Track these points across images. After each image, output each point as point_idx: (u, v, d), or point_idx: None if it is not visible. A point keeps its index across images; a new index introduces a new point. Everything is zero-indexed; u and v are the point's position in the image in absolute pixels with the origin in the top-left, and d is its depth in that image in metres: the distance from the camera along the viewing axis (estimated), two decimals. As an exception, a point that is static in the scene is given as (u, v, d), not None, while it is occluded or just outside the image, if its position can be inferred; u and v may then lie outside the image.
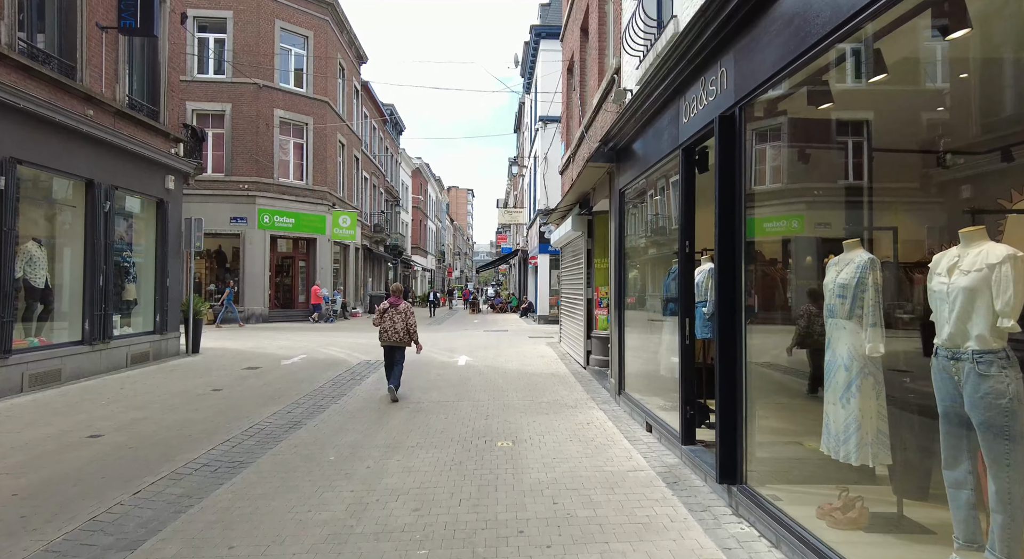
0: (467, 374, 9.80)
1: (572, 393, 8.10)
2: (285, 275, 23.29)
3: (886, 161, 3.55)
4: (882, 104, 3.46)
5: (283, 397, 7.91)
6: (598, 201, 9.04)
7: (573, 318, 11.48)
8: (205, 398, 7.70)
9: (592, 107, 9.26)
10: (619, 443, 5.54)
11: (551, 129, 21.77)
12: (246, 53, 20.86)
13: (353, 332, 18.17)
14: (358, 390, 8.39)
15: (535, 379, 9.26)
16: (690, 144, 4.81)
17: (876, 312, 2.96)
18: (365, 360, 11.48)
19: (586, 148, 9.95)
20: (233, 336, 16.13)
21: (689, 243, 4.90)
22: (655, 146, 5.67)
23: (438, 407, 7.23)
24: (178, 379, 9.09)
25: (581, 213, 9.99)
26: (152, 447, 5.40)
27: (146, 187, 10.47)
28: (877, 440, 2.96)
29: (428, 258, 55.27)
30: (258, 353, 12.48)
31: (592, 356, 9.97)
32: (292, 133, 22.29)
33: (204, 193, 20.55)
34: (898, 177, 3.55)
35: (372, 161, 32.58)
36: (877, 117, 3.55)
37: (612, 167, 7.60)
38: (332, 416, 6.82)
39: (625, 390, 7.11)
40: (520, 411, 6.95)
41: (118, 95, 9.52)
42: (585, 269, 10.16)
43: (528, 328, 20.64)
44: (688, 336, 4.88)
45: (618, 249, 7.17)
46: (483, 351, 13.10)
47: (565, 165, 13.38)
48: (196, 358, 11.45)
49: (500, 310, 33.90)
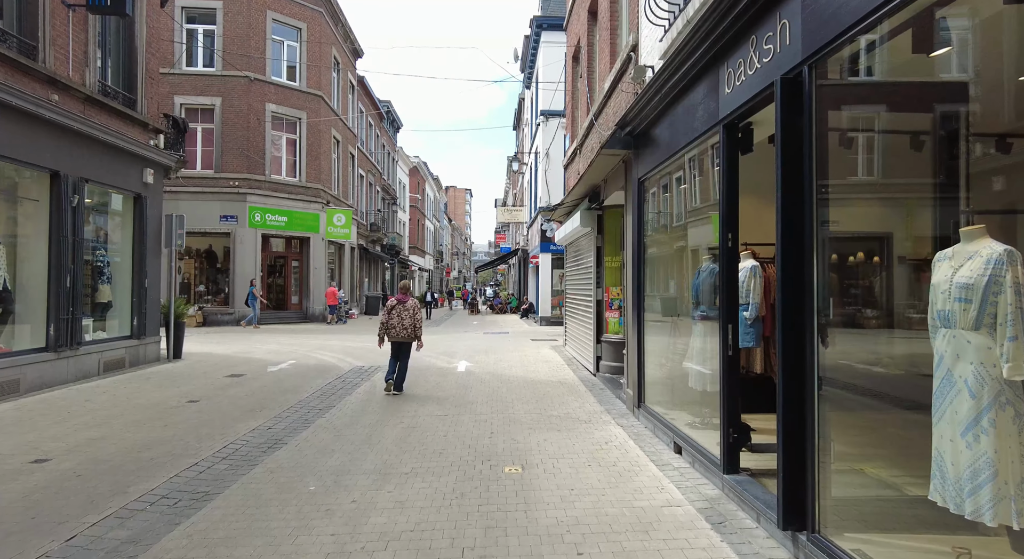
0: (468, 382, 9.06)
1: (584, 405, 7.36)
2: (277, 275, 22.52)
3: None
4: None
5: (266, 409, 7.17)
6: (610, 194, 8.30)
7: (580, 321, 10.74)
8: (178, 411, 6.95)
9: (603, 92, 8.53)
10: (646, 469, 4.80)
11: (553, 124, 21.04)
12: (236, 45, 20.10)
13: (347, 334, 17.42)
14: (348, 401, 7.65)
15: (542, 388, 8.52)
16: (733, 119, 4.07)
17: (1018, 321, 2.23)
18: (358, 366, 10.73)
19: (595, 137, 9.22)
20: (221, 339, 15.36)
21: (732, 236, 4.17)
22: (686, 125, 4.93)
23: (436, 422, 6.49)
24: (152, 389, 8.33)
25: (590, 207, 9.26)
26: (104, 475, 4.65)
27: (121, 181, 9.71)
28: (1023, 492, 2.22)
29: (426, 258, 54.51)
30: (244, 358, 11.72)
31: (602, 362, 9.23)
32: (285, 128, 21.52)
33: (193, 190, 19.81)
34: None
35: (368, 158, 31.82)
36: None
37: (629, 154, 6.87)
38: (317, 433, 6.07)
39: (645, 403, 6.38)
40: (528, 427, 6.21)
41: (88, 80, 8.76)
42: (594, 268, 9.43)
43: (530, 330, 19.90)
44: (731, 345, 4.14)
45: (636, 245, 6.43)
46: (484, 355, 12.36)
47: (570, 158, 12.66)
48: (177, 364, 10.69)
49: (500, 311, 33.16)
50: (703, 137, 4.66)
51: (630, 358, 6.89)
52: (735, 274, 4.22)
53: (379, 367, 10.55)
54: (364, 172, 30.69)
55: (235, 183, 20.19)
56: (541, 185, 21.98)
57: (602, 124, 8.73)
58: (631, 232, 6.72)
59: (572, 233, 10.82)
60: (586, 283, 10.23)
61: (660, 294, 6.32)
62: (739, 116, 4.00)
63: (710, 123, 4.40)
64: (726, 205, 4.18)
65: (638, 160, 6.50)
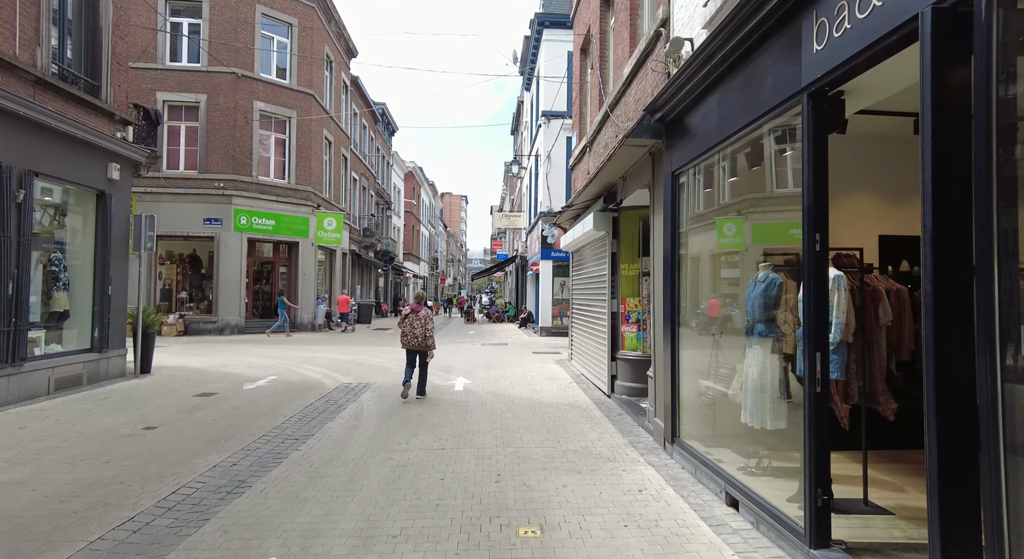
0: (467, 404, 8.04)
1: (603, 435, 6.35)
2: (264, 282, 21.45)
3: None
4: None
5: (234, 439, 6.14)
6: (630, 193, 7.36)
7: (591, 334, 9.76)
8: (129, 442, 5.91)
9: (621, 80, 7.61)
10: (698, 532, 3.81)
11: (555, 125, 20.16)
12: (223, 40, 19.13)
13: (336, 345, 16.36)
14: (330, 428, 6.62)
15: (551, 412, 7.52)
16: (823, 86, 3.13)
17: None
18: (345, 383, 9.69)
19: (612, 130, 8.28)
20: (200, 350, 14.28)
21: (821, 237, 3.21)
22: (747, 100, 3.99)
23: (431, 458, 5.47)
24: (106, 412, 7.28)
25: (605, 209, 8.31)
26: (1, 540, 3.62)
27: (81, 176, 8.69)
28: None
29: (421, 265, 53.46)
30: (220, 373, 10.66)
31: (618, 382, 8.25)
32: (274, 127, 20.52)
33: (175, 191, 18.79)
34: None
35: (362, 161, 30.84)
36: None
37: (658, 145, 5.92)
38: (290, 472, 5.05)
39: (680, 437, 5.39)
40: (542, 467, 5.20)
41: (39, 61, 7.76)
42: (609, 276, 8.46)
43: (530, 341, 18.90)
44: (820, 380, 3.17)
45: (670, 249, 5.47)
46: (483, 371, 11.34)
47: (578, 158, 11.74)
48: (143, 381, 9.62)
49: (497, 319, 32.13)
50: (769, 116, 3.72)
51: (660, 382, 5.90)
52: (824, 286, 3.25)
53: (367, 385, 9.53)
54: (357, 175, 29.70)
55: (220, 184, 19.16)
56: (542, 189, 21.06)
57: (619, 115, 7.80)
58: (661, 235, 5.76)
59: (581, 238, 9.87)
60: (598, 293, 9.26)
61: (699, 307, 5.35)
62: (833, 81, 3.05)
63: (786, 94, 3.45)
64: (812, 198, 3.22)
65: (671, 151, 5.54)
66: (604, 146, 8.84)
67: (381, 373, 10.86)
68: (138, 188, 18.36)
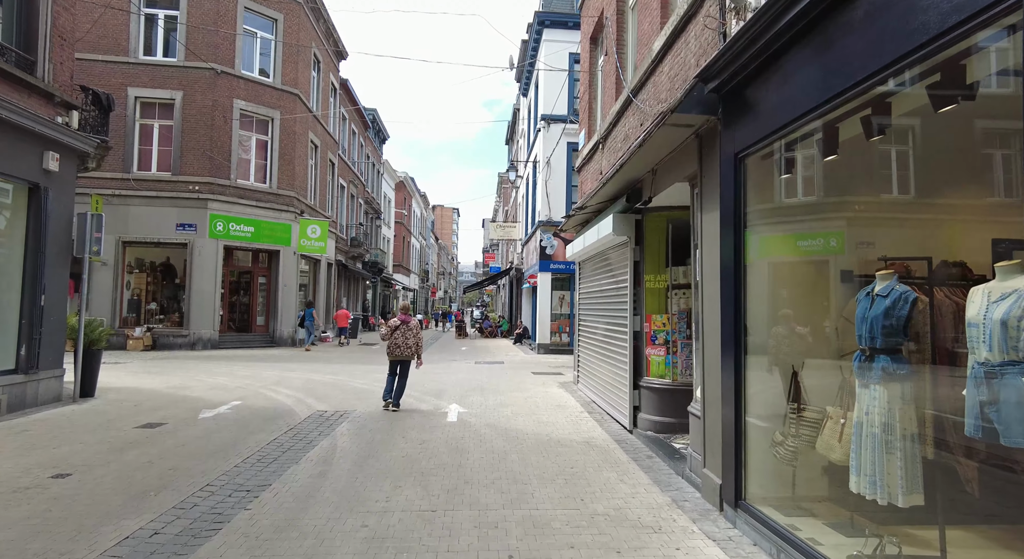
0: (462, 441, 6.71)
1: (637, 489, 5.04)
2: (242, 293, 19.99)
3: None
4: None
5: (167, 490, 4.79)
6: (662, 188, 6.13)
7: (605, 357, 8.48)
8: (23, 500, 4.53)
9: (650, 57, 6.44)
10: None
11: (555, 129, 19.06)
12: (202, 33, 17.90)
13: (315, 363, 14.94)
14: (294, 476, 5.26)
15: (565, 454, 6.20)
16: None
17: None
18: (318, 411, 8.32)
19: (634, 119, 7.10)
20: (164, 368, 12.82)
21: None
22: (883, 33, 2.77)
23: (418, 525, 4.14)
24: (15, 452, 5.87)
25: (628, 210, 7.08)
26: None
27: (9, 165, 7.35)
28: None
29: (411, 277, 52.05)
30: (177, 397, 9.25)
31: (642, 414, 6.95)
32: (255, 128, 19.24)
33: (146, 194, 17.44)
34: None
35: (351, 168, 29.57)
36: None
37: (710, 123, 4.72)
38: (227, 548, 3.71)
39: (746, 500, 4.10)
40: (567, 543, 3.88)
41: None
42: (630, 289, 7.21)
43: (527, 359, 17.56)
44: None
45: (732, 254, 4.23)
46: (479, 395, 10.01)
47: (587, 158, 10.56)
48: (81, 407, 8.19)
49: (490, 335, 30.75)
50: (931, 50, 2.49)
51: (712, 422, 4.63)
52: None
53: (345, 414, 8.17)
54: (345, 182, 28.42)
55: (195, 187, 17.80)
56: (540, 198, 19.88)
57: (647, 99, 6.61)
58: (717, 236, 4.52)
59: (594, 246, 8.63)
60: (615, 309, 8.00)
61: (776, 327, 4.10)
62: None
63: (967, 11, 2.23)
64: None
65: (732, 128, 4.33)
66: (624, 138, 7.65)
67: (362, 398, 9.49)
68: (105, 190, 16.97)
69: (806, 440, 3.78)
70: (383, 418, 7.92)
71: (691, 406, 5.35)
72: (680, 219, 6.97)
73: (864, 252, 3.75)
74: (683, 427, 6.63)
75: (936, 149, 3.44)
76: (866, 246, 3.76)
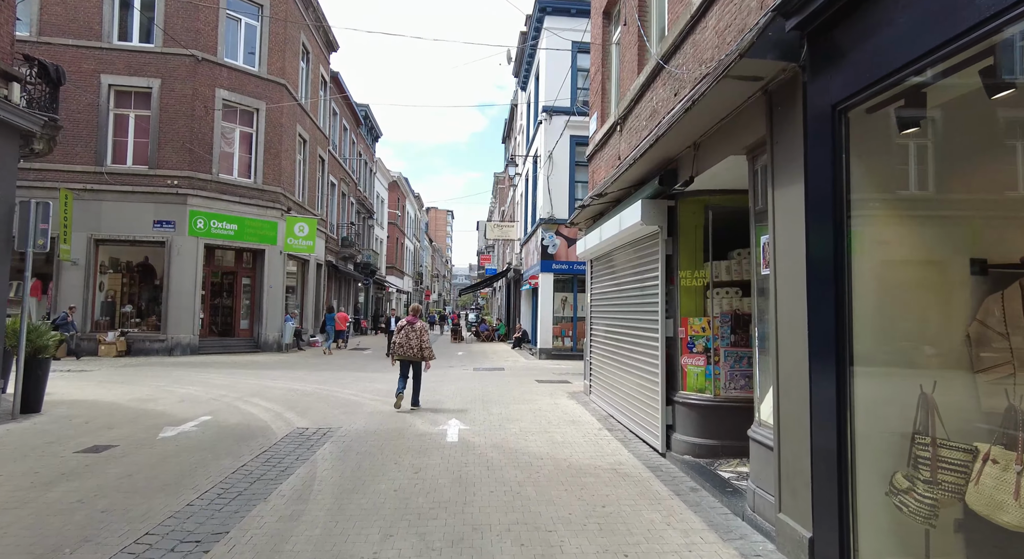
0: (465, 469, 5.63)
1: (691, 538, 3.98)
2: (225, 295, 18.84)
3: None
4: None
5: (86, 546, 3.72)
6: (708, 165, 5.10)
7: (627, 366, 7.43)
8: None
9: (687, 14, 5.43)
10: None
11: (558, 122, 18.07)
12: (182, 18, 16.80)
13: (300, 371, 13.81)
14: (259, 519, 4.18)
15: (592, 486, 5.14)
16: None
17: None
18: (299, 429, 7.23)
19: (665, 89, 6.09)
20: (133, 376, 11.66)
21: None
22: None
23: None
24: (-87, 487, 4.76)
25: (661, 193, 6.05)
26: None
27: (-70, 141, 6.25)
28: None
29: (404, 279, 50.87)
30: (139, 411, 8.14)
31: (677, 435, 5.91)
32: (239, 120, 18.12)
33: (121, 189, 16.29)
34: None
35: (342, 165, 28.45)
36: None
37: (789, 72, 3.70)
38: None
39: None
40: (619, 629, 2.83)
41: None
42: (662, 288, 6.18)
43: (529, 365, 16.49)
44: None
45: (832, 239, 3.19)
46: (482, 409, 8.93)
47: (600, 144, 9.55)
48: (19, 426, 7.07)
49: (487, 338, 29.64)
50: None
51: (796, 453, 3.59)
52: None
53: (329, 431, 7.08)
54: (336, 180, 27.29)
55: (174, 182, 16.65)
56: (541, 194, 18.86)
57: (683, 63, 5.59)
58: (803, 217, 3.49)
59: (613, 240, 7.61)
60: (640, 311, 6.97)
61: (895, 340, 3.07)
62: None
63: None
64: None
65: (827, 73, 3.30)
66: (651, 115, 6.63)
67: (349, 412, 8.40)
68: (75, 184, 15.80)
69: (949, 490, 2.76)
70: (371, 437, 6.85)
71: (753, 429, 4.31)
72: (722, 205, 5.96)
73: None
74: (728, 451, 5.61)
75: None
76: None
